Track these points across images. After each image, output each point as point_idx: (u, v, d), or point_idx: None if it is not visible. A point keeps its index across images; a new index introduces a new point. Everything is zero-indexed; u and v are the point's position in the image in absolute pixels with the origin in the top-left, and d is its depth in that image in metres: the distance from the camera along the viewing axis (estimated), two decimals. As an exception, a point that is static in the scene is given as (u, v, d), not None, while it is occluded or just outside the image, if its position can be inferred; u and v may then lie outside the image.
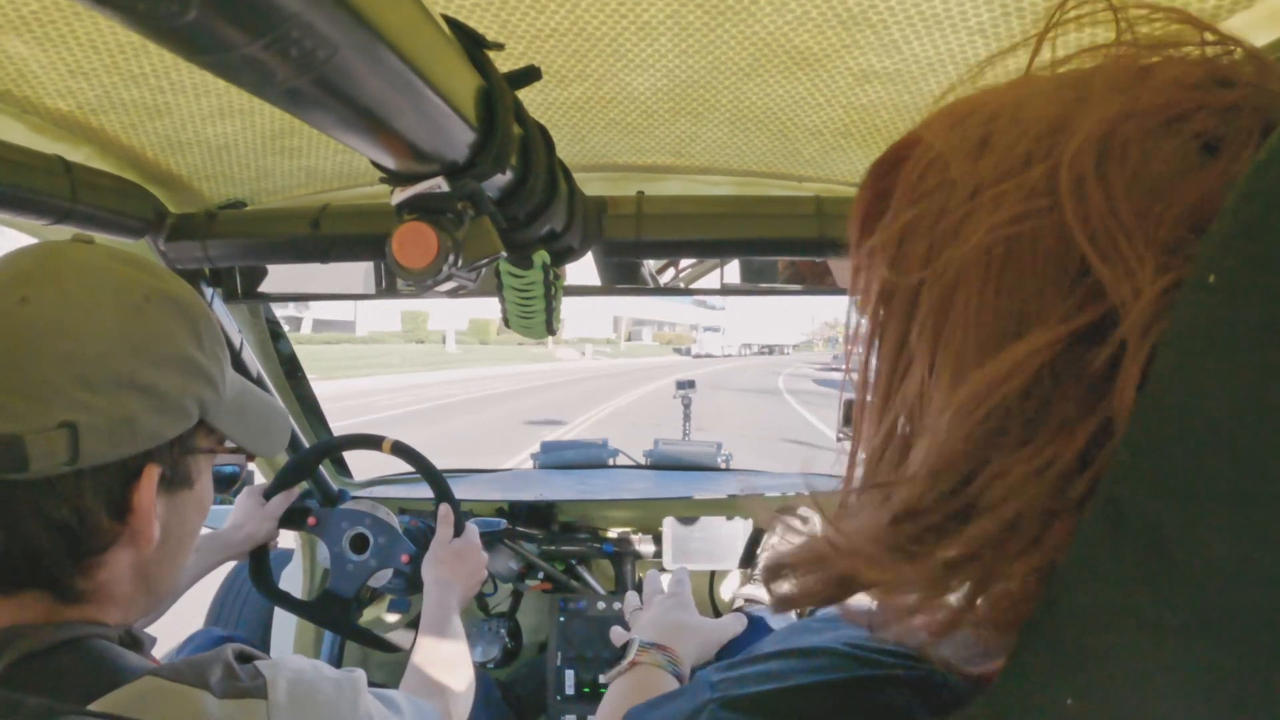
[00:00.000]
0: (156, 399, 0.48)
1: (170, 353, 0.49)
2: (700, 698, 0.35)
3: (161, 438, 0.48)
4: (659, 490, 1.67)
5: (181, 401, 0.49)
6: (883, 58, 0.70)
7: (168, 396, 0.48)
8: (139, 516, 0.48)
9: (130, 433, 0.46)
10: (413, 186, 0.54)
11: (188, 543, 0.56)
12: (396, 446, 1.17)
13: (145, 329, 0.48)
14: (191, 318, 0.51)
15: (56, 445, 0.43)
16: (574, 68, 0.74)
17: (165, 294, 0.50)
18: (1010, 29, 0.63)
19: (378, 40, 0.37)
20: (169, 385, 0.48)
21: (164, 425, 0.48)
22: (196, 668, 0.46)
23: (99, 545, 0.47)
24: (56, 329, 0.45)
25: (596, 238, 0.95)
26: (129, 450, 0.47)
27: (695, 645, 0.74)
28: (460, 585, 1.02)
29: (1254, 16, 0.58)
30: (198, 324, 0.51)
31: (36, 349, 0.44)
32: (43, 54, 0.65)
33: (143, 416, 0.47)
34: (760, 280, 1.22)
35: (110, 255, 0.50)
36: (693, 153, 0.98)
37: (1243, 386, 0.17)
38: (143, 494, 0.48)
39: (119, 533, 0.48)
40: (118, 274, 0.49)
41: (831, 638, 0.34)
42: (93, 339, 0.45)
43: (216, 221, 0.98)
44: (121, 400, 0.46)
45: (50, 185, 0.76)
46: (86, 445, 0.44)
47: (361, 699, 0.54)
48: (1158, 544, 0.18)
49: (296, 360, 1.44)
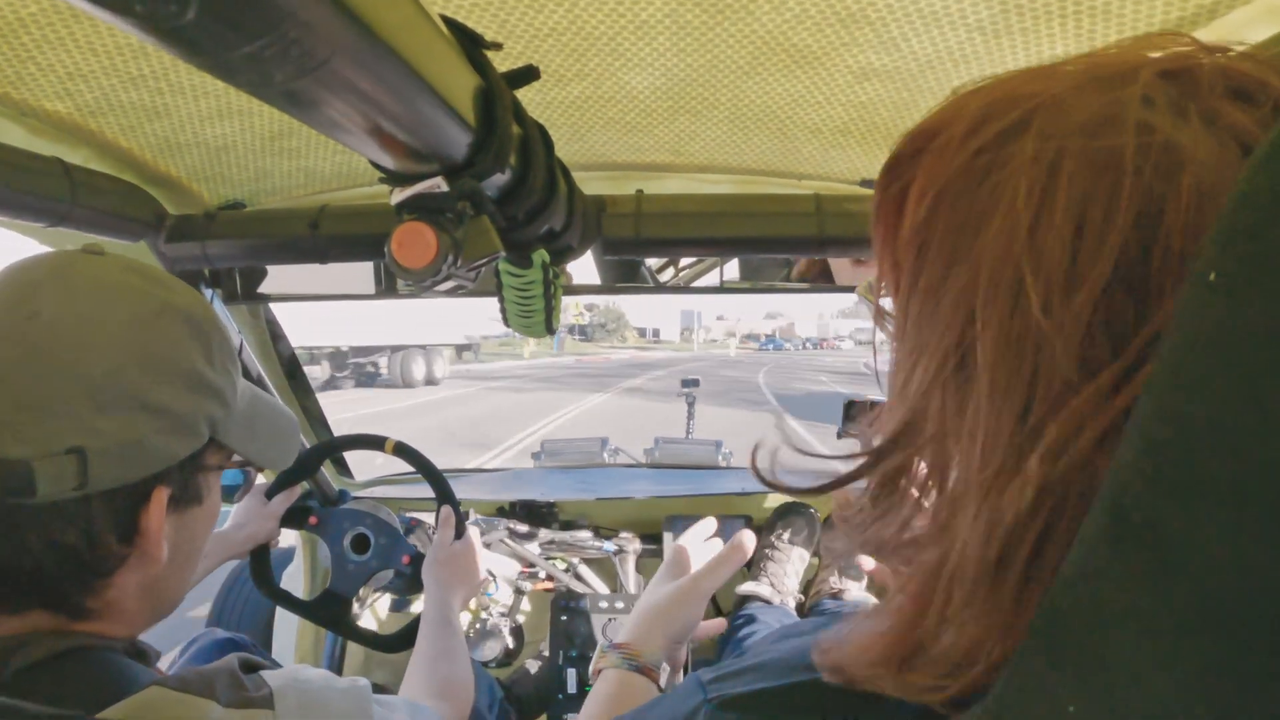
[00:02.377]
0: (167, 419, 0.47)
1: (182, 370, 0.48)
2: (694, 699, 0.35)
3: (172, 459, 0.48)
4: (660, 489, 1.67)
5: (193, 421, 0.49)
6: (881, 55, 0.70)
7: (179, 416, 0.47)
8: (147, 539, 0.47)
9: (140, 455, 0.46)
10: (412, 186, 0.54)
11: (196, 556, 0.55)
12: (399, 447, 1.17)
13: (157, 346, 0.47)
14: (204, 333, 0.50)
15: (65, 470, 0.42)
16: (572, 67, 0.74)
17: (177, 308, 0.49)
18: (1009, 25, 0.63)
19: (376, 41, 0.37)
20: (180, 405, 0.47)
21: (174, 446, 0.48)
22: (203, 677, 0.46)
23: (107, 568, 0.47)
24: (67, 346, 0.44)
25: (596, 236, 0.95)
26: (138, 474, 0.46)
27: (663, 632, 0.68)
28: (461, 587, 1.02)
29: (1252, 12, 0.58)
30: (210, 339, 0.51)
31: (47, 366, 0.43)
32: (41, 56, 0.65)
33: (153, 438, 0.46)
34: (760, 278, 1.22)
35: (123, 268, 0.49)
36: (692, 151, 0.98)
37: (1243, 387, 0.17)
38: (151, 516, 0.47)
39: (127, 555, 0.47)
40: (130, 288, 0.48)
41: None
42: (104, 357, 0.45)
43: (216, 223, 0.98)
44: (132, 422, 0.45)
45: (49, 187, 0.76)
46: (95, 470, 0.43)
47: (369, 709, 0.53)
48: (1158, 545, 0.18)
49: (296, 361, 1.44)
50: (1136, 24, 0.61)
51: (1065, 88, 0.26)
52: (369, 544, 1.20)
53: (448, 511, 1.10)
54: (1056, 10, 0.60)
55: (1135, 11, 0.60)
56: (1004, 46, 0.67)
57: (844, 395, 1.38)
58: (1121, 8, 0.59)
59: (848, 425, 1.42)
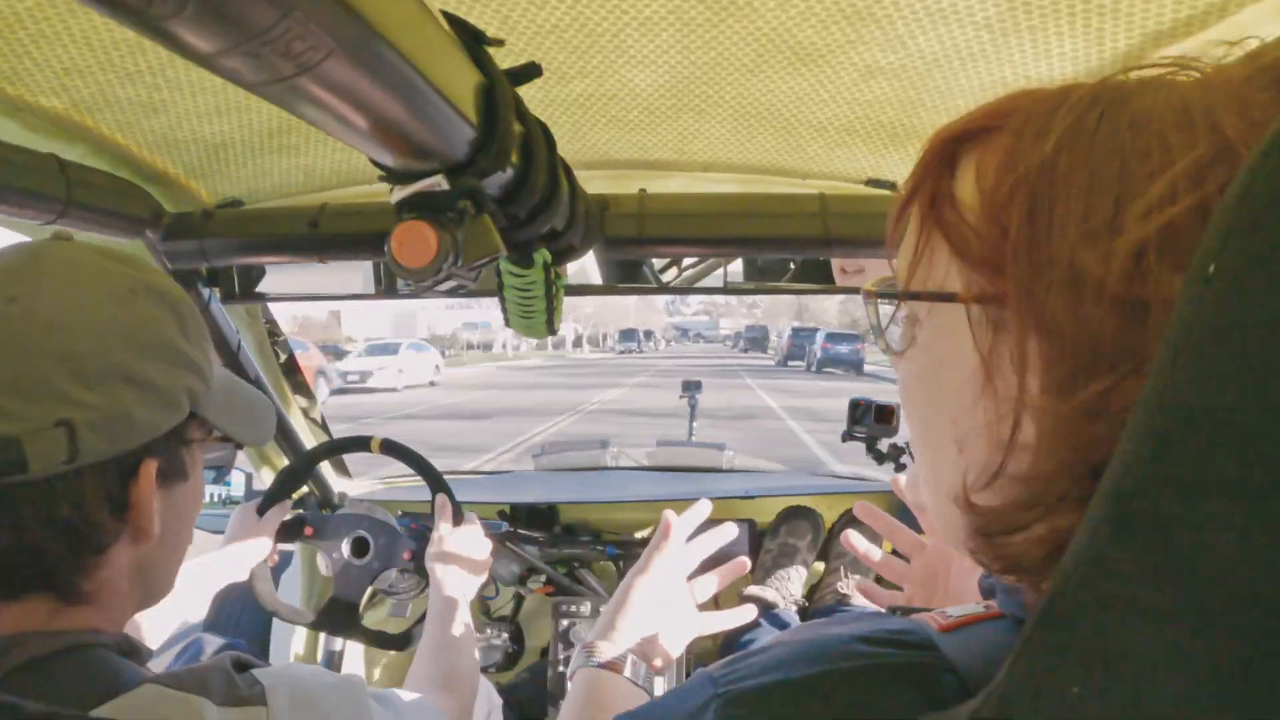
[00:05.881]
0: (150, 392, 0.48)
1: (160, 344, 0.49)
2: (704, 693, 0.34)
3: (156, 430, 0.49)
4: (661, 491, 1.67)
5: (174, 393, 0.50)
6: (887, 53, 0.69)
7: (160, 389, 0.49)
8: (139, 512, 0.48)
9: (126, 427, 0.47)
10: (412, 185, 0.54)
11: (185, 536, 0.56)
12: (385, 445, 1.16)
13: (135, 322, 0.48)
14: (178, 310, 0.52)
15: (54, 444, 0.43)
16: (575, 64, 0.73)
17: (150, 286, 0.50)
18: (1016, 23, 0.63)
19: (376, 37, 0.37)
20: (161, 377, 0.49)
21: (158, 418, 0.49)
22: (196, 675, 0.46)
23: (101, 544, 0.47)
24: (47, 326, 0.45)
25: (598, 236, 0.94)
26: (126, 445, 0.47)
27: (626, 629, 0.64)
28: (466, 573, 1.01)
29: (1264, 10, 0.58)
30: (183, 316, 0.52)
31: (29, 347, 0.44)
32: (37, 51, 0.64)
33: (137, 410, 0.47)
34: (764, 278, 1.22)
35: (94, 250, 0.51)
36: (695, 149, 0.97)
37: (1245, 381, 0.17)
38: (142, 489, 0.48)
39: (120, 530, 0.48)
40: (103, 268, 0.49)
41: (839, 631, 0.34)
42: (85, 334, 0.46)
43: (214, 220, 0.97)
44: (116, 394, 0.46)
45: (45, 184, 0.75)
46: (84, 442, 0.44)
47: (363, 703, 0.54)
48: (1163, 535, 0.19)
49: (295, 362, 1.44)
50: (1146, 22, 0.61)
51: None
52: (368, 546, 1.19)
53: (443, 499, 1.09)
54: (1065, 8, 0.60)
55: (1145, 10, 0.59)
56: (1011, 44, 0.66)
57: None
58: (1131, 6, 0.59)
59: (854, 427, 1.41)
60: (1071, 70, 0.69)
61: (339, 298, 1.22)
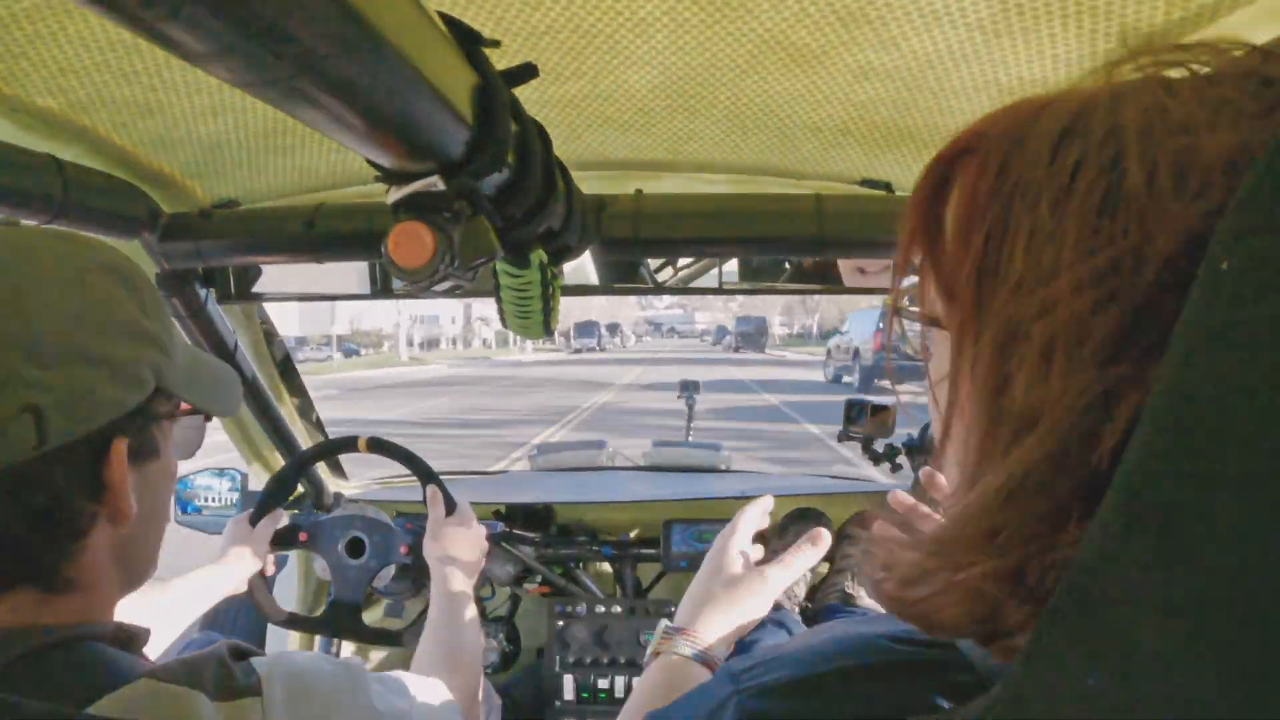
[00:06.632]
0: (111, 368, 0.47)
1: (118, 321, 0.49)
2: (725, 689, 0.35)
3: (122, 408, 0.48)
4: (658, 492, 1.66)
5: (136, 369, 0.49)
6: (881, 54, 0.70)
7: (122, 365, 0.48)
8: (114, 493, 0.48)
9: (90, 405, 0.46)
10: (408, 185, 0.54)
11: (162, 513, 0.56)
12: (372, 443, 1.16)
13: (90, 300, 0.48)
14: (135, 286, 0.51)
15: (23, 431, 0.43)
16: (570, 65, 0.73)
17: (104, 264, 0.50)
18: (1009, 24, 0.63)
19: (372, 37, 0.37)
20: (122, 354, 0.48)
21: (122, 394, 0.48)
22: (191, 668, 0.46)
23: (80, 529, 0.47)
24: (1, 313, 0.44)
25: (594, 236, 0.94)
26: (92, 424, 0.46)
27: (720, 621, 0.63)
28: (464, 558, 1.01)
29: (1255, 13, 0.58)
30: (141, 291, 0.51)
31: None
32: (33, 51, 0.64)
33: (100, 388, 0.47)
34: (758, 278, 1.22)
35: (40, 233, 0.50)
36: (691, 150, 0.97)
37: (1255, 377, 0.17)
38: (114, 469, 0.48)
39: (97, 513, 0.48)
40: (54, 250, 0.48)
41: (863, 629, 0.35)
42: (39, 317, 0.45)
43: (210, 220, 0.97)
44: (78, 374, 0.45)
45: (42, 184, 0.75)
46: (52, 424, 0.44)
47: (363, 686, 0.54)
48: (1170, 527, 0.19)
49: (291, 362, 1.43)
50: (1138, 24, 0.61)
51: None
52: (364, 546, 1.19)
53: (434, 490, 1.09)
54: (1057, 9, 0.60)
55: (1137, 11, 0.60)
56: (1004, 45, 0.66)
57: None
58: (1123, 7, 0.59)
59: (849, 427, 1.41)
60: (1065, 72, 0.70)
61: (335, 298, 1.22)
